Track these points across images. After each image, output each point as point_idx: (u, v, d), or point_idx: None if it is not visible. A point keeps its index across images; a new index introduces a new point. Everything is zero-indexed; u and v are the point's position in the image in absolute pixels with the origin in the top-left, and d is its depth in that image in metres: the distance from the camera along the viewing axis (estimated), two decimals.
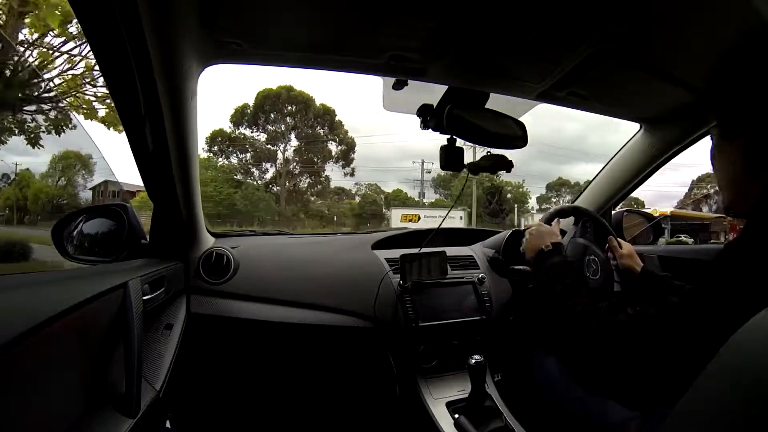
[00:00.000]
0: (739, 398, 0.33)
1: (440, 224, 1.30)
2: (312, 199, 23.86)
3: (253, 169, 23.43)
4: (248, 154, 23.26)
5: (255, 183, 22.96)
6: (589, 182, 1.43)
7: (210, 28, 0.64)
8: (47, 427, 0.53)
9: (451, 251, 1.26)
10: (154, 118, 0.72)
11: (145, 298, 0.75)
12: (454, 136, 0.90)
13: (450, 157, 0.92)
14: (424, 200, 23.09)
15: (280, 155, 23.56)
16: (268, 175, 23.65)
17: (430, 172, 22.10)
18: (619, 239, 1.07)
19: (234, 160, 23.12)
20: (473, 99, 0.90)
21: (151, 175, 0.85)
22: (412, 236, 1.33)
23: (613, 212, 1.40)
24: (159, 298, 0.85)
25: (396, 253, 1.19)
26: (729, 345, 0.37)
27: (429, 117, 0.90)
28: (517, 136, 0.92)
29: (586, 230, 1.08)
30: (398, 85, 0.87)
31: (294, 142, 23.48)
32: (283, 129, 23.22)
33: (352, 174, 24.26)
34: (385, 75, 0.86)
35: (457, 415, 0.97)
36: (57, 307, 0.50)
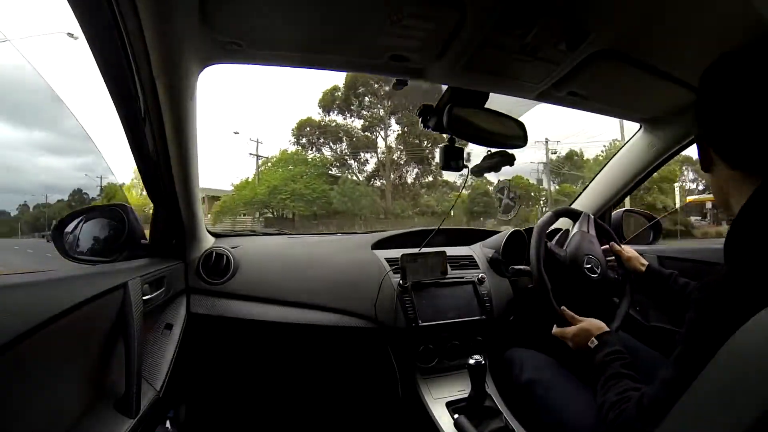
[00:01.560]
0: (739, 398, 0.33)
1: (440, 224, 1.30)
2: (421, 192, 19.13)
3: (351, 161, 19.20)
4: (343, 144, 19.00)
5: (354, 177, 18.75)
6: (589, 182, 1.43)
7: (210, 28, 0.64)
8: (47, 427, 0.53)
9: (451, 251, 1.26)
10: (154, 118, 0.72)
11: (145, 298, 0.76)
12: (454, 136, 0.90)
13: (450, 157, 0.92)
14: (552, 186, 18.36)
15: (381, 143, 19.27)
16: (369, 167, 19.39)
17: (555, 153, 18.31)
18: (620, 245, 1.08)
19: (327, 151, 18.99)
20: (473, 99, 0.90)
21: (151, 175, 0.85)
22: (412, 236, 1.33)
23: (613, 212, 1.40)
24: (159, 298, 0.85)
25: (396, 253, 1.19)
26: (729, 345, 0.37)
27: (429, 117, 0.90)
28: (517, 136, 0.92)
29: (587, 226, 1.07)
30: (398, 85, 0.87)
31: (395, 127, 19.11)
32: (381, 114, 18.93)
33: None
34: (385, 75, 0.86)
35: (457, 415, 0.97)
36: (57, 307, 0.50)
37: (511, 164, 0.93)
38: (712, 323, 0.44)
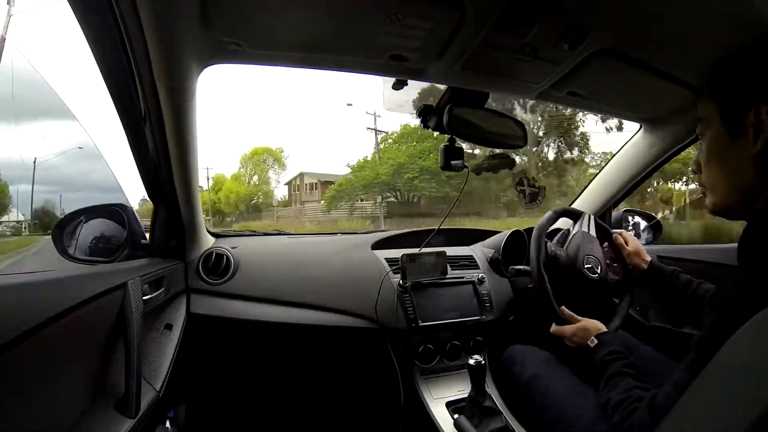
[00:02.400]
0: (740, 398, 0.33)
1: (440, 224, 1.30)
2: (566, 168, 15.09)
3: None
4: None
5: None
6: (589, 182, 1.43)
7: (210, 28, 0.64)
8: (48, 427, 0.53)
9: (451, 251, 1.26)
10: (154, 118, 0.72)
11: (145, 298, 0.76)
12: (454, 136, 0.90)
13: (450, 156, 0.92)
14: None
15: (518, 111, 14.93)
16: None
17: None
18: (625, 236, 1.07)
19: None
20: (473, 99, 0.90)
21: (151, 175, 0.85)
22: (412, 236, 1.33)
23: (613, 212, 1.40)
24: (159, 298, 0.85)
25: (396, 253, 1.19)
26: (729, 345, 0.37)
27: (429, 117, 0.90)
28: (517, 136, 0.92)
29: (587, 226, 1.07)
30: (398, 85, 0.87)
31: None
32: None
33: None
34: (385, 75, 0.86)
35: (457, 415, 0.97)
36: (57, 307, 0.50)
37: (512, 168, 0.93)
38: (732, 329, 0.44)
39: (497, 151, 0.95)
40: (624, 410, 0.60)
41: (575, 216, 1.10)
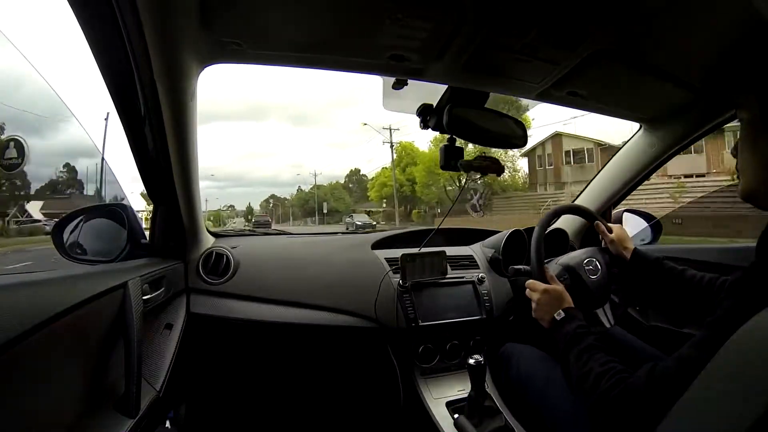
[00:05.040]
0: (740, 398, 0.33)
1: (440, 223, 1.30)
2: None
3: None
4: None
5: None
6: (589, 182, 1.43)
7: (210, 28, 0.64)
8: (47, 427, 0.53)
9: (451, 251, 1.26)
10: (154, 118, 0.72)
11: (145, 297, 0.76)
12: (454, 136, 0.90)
13: (450, 156, 0.92)
14: None
15: None
16: None
17: None
18: (608, 224, 1.06)
19: None
20: (473, 99, 0.90)
21: (151, 175, 0.85)
22: (412, 236, 1.33)
23: (613, 212, 1.40)
24: (159, 298, 0.85)
25: (396, 252, 1.19)
26: (729, 345, 0.37)
27: (429, 117, 0.90)
28: (517, 136, 0.92)
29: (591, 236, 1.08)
30: (398, 85, 0.87)
31: None
32: None
33: None
34: (385, 75, 0.86)
35: (457, 415, 0.97)
36: (57, 307, 0.50)
37: (499, 175, 0.93)
38: (745, 316, 0.44)
39: (492, 151, 0.95)
40: (610, 379, 0.59)
41: (577, 212, 1.10)
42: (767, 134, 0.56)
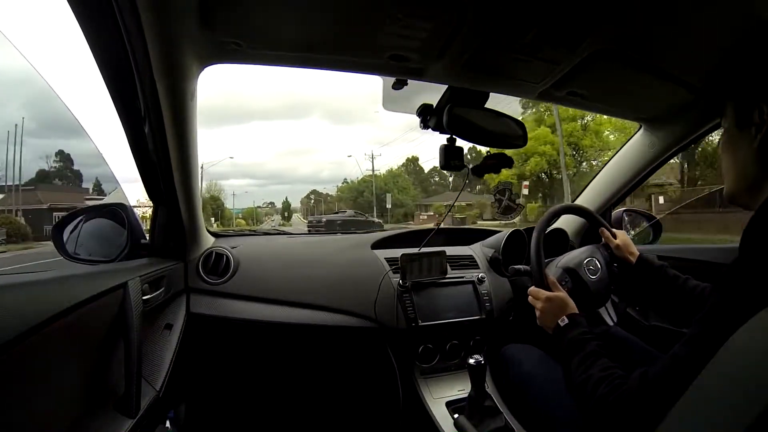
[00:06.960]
0: (739, 398, 0.33)
1: (440, 223, 1.30)
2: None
3: None
4: None
5: None
6: (589, 182, 1.43)
7: (210, 28, 0.64)
8: (47, 427, 0.53)
9: (451, 251, 1.26)
10: (154, 118, 0.72)
11: (145, 297, 0.76)
12: (454, 136, 0.90)
13: (450, 156, 0.92)
14: None
15: None
16: None
17: None
18: (612, 230, 1.07)
19: None
20: (473, 99, 0.90)
21: (151, 175, 0.85)
22: (412, 236, 1.33)
23: (613, 212, 1.40)
24: (159, 298, 0.85)
25: (396, 252, 1.19)
26: (729, 345, 0.37)
27: (429, 117, 0.90)
28: (517, 135, 0.92)
29: (593, 235, 1.07)
30: (398, 85, 0.87)
31: None
32: None
33: None
34: (385, 75, 0.86)
35: (457, 415, 0.97)
36: (57, 307, 0.50)
37: (510, 167, 0.93)
38: (734, 309, 0.43)
39: (492, 151, 0.95)
40: (608, 385, 0.60)
41: (577, 213, 1.10)
42: (742, 141, 0.59)
